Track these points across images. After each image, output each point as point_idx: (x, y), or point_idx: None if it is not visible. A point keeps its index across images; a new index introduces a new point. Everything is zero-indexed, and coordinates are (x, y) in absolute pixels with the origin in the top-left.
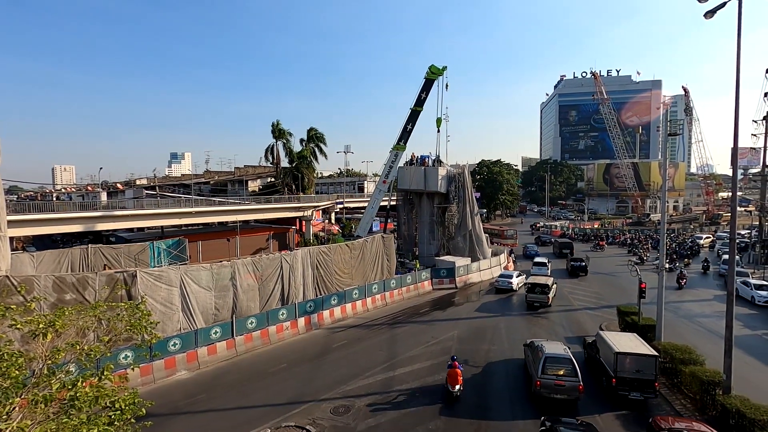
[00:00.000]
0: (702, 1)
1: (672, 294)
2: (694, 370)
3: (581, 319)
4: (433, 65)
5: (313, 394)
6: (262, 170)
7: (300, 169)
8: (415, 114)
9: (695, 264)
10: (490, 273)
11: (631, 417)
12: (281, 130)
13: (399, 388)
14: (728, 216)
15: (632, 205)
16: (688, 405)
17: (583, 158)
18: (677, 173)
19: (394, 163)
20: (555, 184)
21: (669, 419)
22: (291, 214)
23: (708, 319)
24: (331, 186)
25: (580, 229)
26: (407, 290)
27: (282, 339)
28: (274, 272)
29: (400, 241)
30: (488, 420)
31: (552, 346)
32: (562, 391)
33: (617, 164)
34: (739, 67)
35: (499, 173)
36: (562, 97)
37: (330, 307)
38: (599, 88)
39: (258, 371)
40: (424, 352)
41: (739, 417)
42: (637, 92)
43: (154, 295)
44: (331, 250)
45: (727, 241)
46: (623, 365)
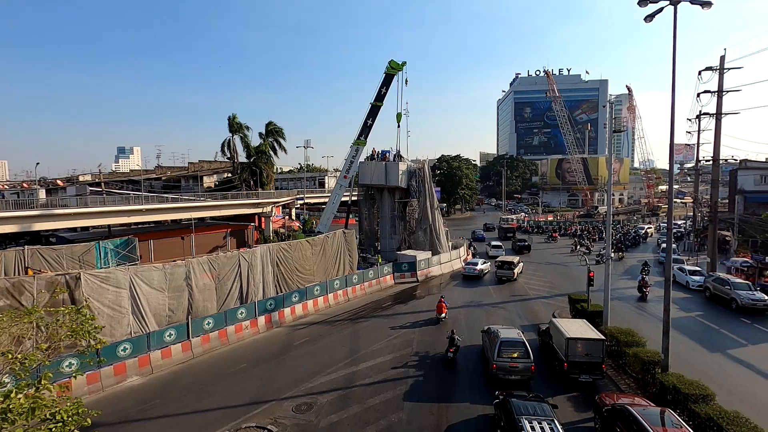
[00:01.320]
0: (642, 5)
1: (618, 281)
2: (637, 351)
3: (536, 308)
4: (393, 60)
5: (274, 393)
6: (218, 165)
7: (258, 164)
8: (375, 109)
9: (638, 253)
10: (450, 266)
11: (581, 398)
12: (238, 123)
13: (362, 383)
14: (666, 207)
15: (582, 199)
16: (631, 384)
17: (537, 153)
18: (622, 168)
19: (354, 158)
20: (511, 178)
21: (613, 396)
22: (249, 210)
23: (649, 304)
24: (291, 181)
25: (535, 222)
26: (369, 285)
27: (241, 339)
28: (231, 271)
29: (362, 236)
30: (449, 403)
31: (507, 332)
32: (516, 372)
33: (568, 159)
34: (675, 69)
35: (458, 168)
36: (518, 94)
37: (291, 304)
38: (551, 86)
39: (216, 373)
40: (387, 345)
41: (675, 392)
42: (586, 91)
43: (100, 298)
44: (292, 247)
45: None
46: (574, 350)
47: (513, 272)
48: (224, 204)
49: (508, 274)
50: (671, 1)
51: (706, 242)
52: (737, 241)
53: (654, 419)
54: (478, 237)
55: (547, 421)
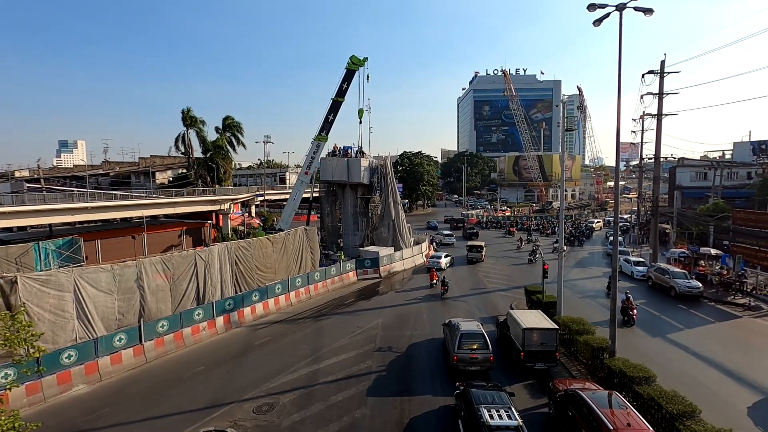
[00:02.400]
0: (591, 10)
1: (570, 272)
2: (587, 339)
3: (495, 300)
4: (354, 56)
5: (234, 395)
6: (172, 161)
7: (215, 159)
8: (336, 104)
9: (589, 246)
10: (413, 261)
11: (536, 385)
12: (193, 117)
13: (325, 380)
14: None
15: (537, 194)
16: (582, 369)
17: (495, 151)
18: (574, 165)
19: (316, 154)
20: (471, 175)
21: (566, 381)
22: (206, 207)
23: (598, 294)
24: (250, 177)
25: (494, 217)
26: (332, 282)
27: (199, 340)
28: (187, 270)
29: (324, 232)
30: (411, 396)
31: (467, 324)
32: (475, 362)
33: (525, 157)
34: (620, 72)
35: (420, 164)
36: (477, 92)
37: (251, 303)
38: (509, 85)
39: (172, 377)
40: (350, 342)
41: (621, 376)
42: (541, 90)
43: (40, 302)
44: (252, 245)
45: (613, 225)
46: (530, 339)
47: (481, 255)
48: (179, 201)
49: (477, 256)
50: (617, 7)
51: (648, 235)
52: (676, 233)
53: (602, 402)
54: (431, 226)
55: (504, 409)
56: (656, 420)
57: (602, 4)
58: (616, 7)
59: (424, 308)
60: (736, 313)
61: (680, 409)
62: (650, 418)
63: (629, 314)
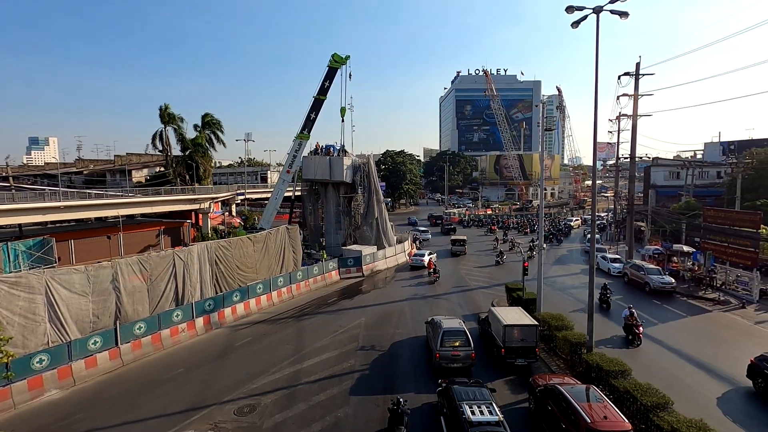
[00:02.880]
0: (569, 12)
1: (550, 269)
2: (566, 334)
3: (476, 298)
4: (336, 54)
5: (214, 397)
6: (149, 159)
7: (194, 157)
8: (318, 102)
9: (568, 243)
10: (396, 260)
11: (517, 381)
12: (171, 114)
13: (307, 380)
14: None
15: (518, 193)
16: (561, 364)
17: (477, 150)
18: (553, 164)
19: (297, 153)
20: (453, 174)
21: (545, 377)
22: (185, 206)
23: (576, 290)
24: (231, 176)
25: (476, 215)
26: (314, 281)
27: (178, 342)
28: (165, 271)
29: (306, 231)
30: (394, 394)
31: (449, 322)
32: (458, 360)
33: (506, 156)
34: (597, 73)
35: (402, 163)
36: (459, 92)
37: (232, 304)
38: (490, 85)
39: (149, 380)
40: (333, 341)
41: (598, 370)
42: (522, 91)
43: (9, 306)
44: (232, 244)
45: (591, 223)
46: (511, 336)
47: (464, 248)
48: (156, 200)
49: (461, 249)
50: (594, 10)
51: (624, 232)
52: (650, 230)
53: (580, 396)
54: (411, 221)
55: (486, 405)
56: (632, 412)
57: (580, 7)
58: (593, 10)
59: (407, 306)
60: (706, 307)
61: (654, 401)
62: (626, 410)
63: (634, 332)
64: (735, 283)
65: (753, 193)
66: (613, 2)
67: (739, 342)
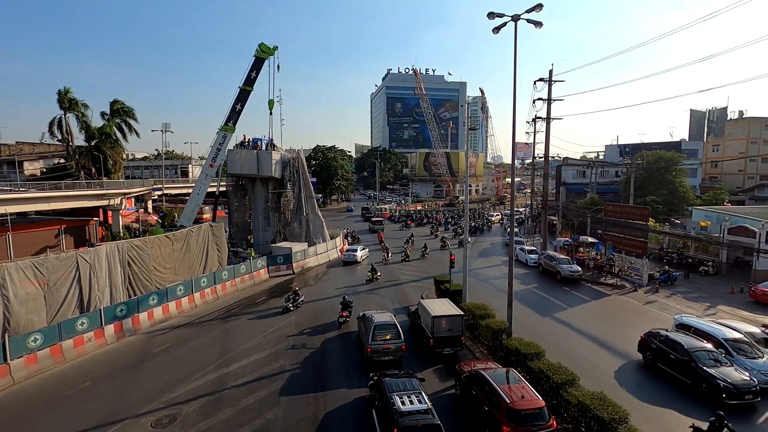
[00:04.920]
0: (491, 18)
1: (474, 262)
2: (488, 322)
3: (407, 291)
4: (263, 44)
5: (128, 410)
6: (46, 149)
7: (102, 148)
8: (244, 93)
9: (491, 237)
10: (327, 256)
11: (444, 369)
12: (73, 99)
13: (234, 384)
14: None
15: (446, 189)
16: (484, 351)
17: (407, 147)
18: (478, 162)
19: (222, 146)
20: (384, 170)
21: (470, 363)
22: (92, 202)
23: (498, 280)
24: (146, 169)
25: (406, 211)
26: (241, 280)
27: (83, 353)
28: (67, 275)
29: (233, 229)
30: (326, 392)
31: (380, 316)
32: (389, 352)
33: (434, 153)
34: (515, 77)
35: (334, 159)
36: (390, 89)
37: (148, 308)
38: (419, 84)
39: (49, 398)
40: (262, 342)
41: (516, 354)
42: (449, 91)
43: None
44: (148, 243)
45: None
46: (439, 327)
47: (383, 226)
48: (55, 196)
49: (380, 227)
50: (512, 18)
51: (540, 226)
52: (561, 224)
53: (501, 379)
54: (348, 209)
55: (415, 394)
56: (545, 390)
57: (500, 14)
58: (511, 18)
59: (339, 303)
60: (606, 291)
61: (564, 378)
62: (540, 388)
63: None
64: (629, 269)
65: (643, 190)
66: (529, 12)
67: (632, 321)
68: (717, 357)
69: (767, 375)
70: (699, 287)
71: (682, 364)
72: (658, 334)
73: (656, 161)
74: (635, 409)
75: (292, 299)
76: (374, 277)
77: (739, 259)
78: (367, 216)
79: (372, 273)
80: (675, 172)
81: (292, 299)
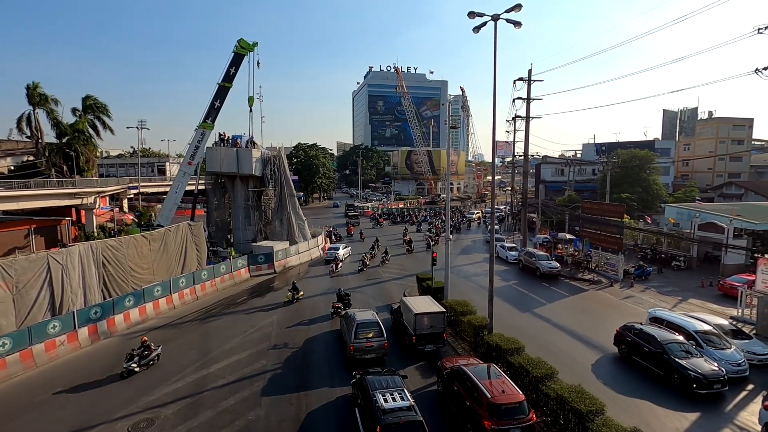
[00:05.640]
0: (471, 17)
1: (456, 259)
2: (470, 318)
3: (390, 289)
4: (243, 39)
5: (103, 415)
6: (14, 146)
7: (74, 145)
8: (223, 90)
9: (472, 234)
10: (309, 255)
11: (427, 366)
12: (42, 94)
13: (215, 386)
14: None
15: (428, 187)
16: (466, 347)
17: (389, 145)
18: (459, 160)
19: (201, 143)
20: (366, 168)
21: (452, 359)
22: (63, 201)
23: (479, 277)
24: (122, 167)
25: (388, 209)
26: (221, 280)
27: (55, 357)
28: (37, 276)
29: (212, 228)
30: (308, 391)
31: (362, 314)
32: (371, 350)
33: (416, 151)
34: (495, 76)
35: (315, 157)
36: (371, 87)
37: (124, 309)
38: (401, 82)
39: (19, 404)
40: (243, 342)
41: (497, 349)
42: (430, 89)
43: None
44: (124, 244)
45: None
46: (421, 324)
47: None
48: (24, 194)
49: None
50: (492, 17)
51: (520, 223)
52: (541, 221)
53: (482, 374)
54: (335, 204)
55: (398, 392)
56: (525, 384)
57: (480, 13)
58: (491, 17)
59: (321, 301)
60: (583, 287)
61: (543, 372)
62: (520, 383)
63: None
64: (605, 265)
65: (619, 187)
66: (509, 12)
67: (609, 315)
68: (688, 349)
69: (734, 365)
70: (671, 281)
71: (655, 356)
72: (632, 328)
73: (631, 160)
74: (611, 401)
75: (293, 293)
76: (295, 297)
77: (708, 254)
78: (350, 215)
79: (293, 292)
80: (649, 170)
81: (292, 293)
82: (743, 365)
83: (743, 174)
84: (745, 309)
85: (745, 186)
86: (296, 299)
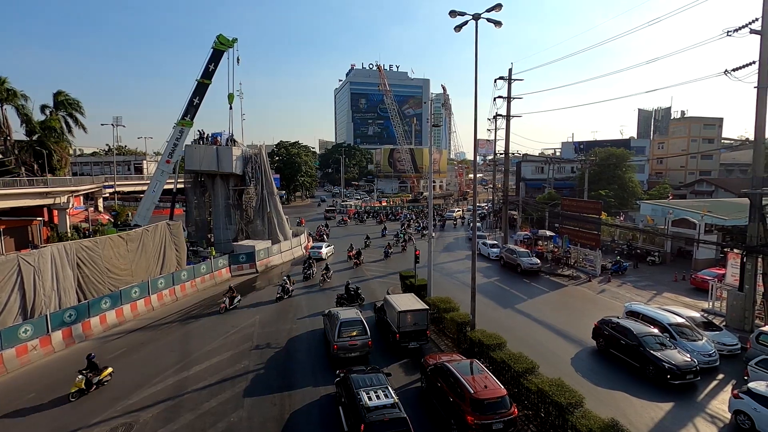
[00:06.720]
0: (453, 16)
1: (438, 256)
2: (453, 315)
3: (373, 287)
4: (222, 35)
5: (79, 421)
6: None
7: (46, 143)
8: (202, 87)
9: (454, 232)
10: (291, 254)
11: (410, 363)
12: (10, 90)
13: (195, 388)
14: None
15: (410, 185)
16: (449, 343)
17: (372, 143)
18: (441, 158)
19: (179, 141)
20: (349, 166)
21: (435, 356)
22: (34, 201)
23: (462, 274)
24: (96, 166)
25: (371, 207)
26: (202, 281)
27: (27, 363)
28: (7, 280)
29: (192, 227)
30: (292, 391)
31: (346, 313)
32: (355, 349)
33: (399, 149)
34: (477, 74)
35: (297, 155)
36: (353, 85)
37: (100, 312)
38: (383, 80)
39: None
40: (224, 343)
41: (480, 345)
42: (413, 88)
43: None
44: (100, 244)
45: (472, 213)
46: (404, 321)
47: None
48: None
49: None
50: (473, 17)
51: (501, 220)
52: (521, 218)
53: (465, 370)
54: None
55: (382, 389)
56: (507, 379)
57: (462, 12)
58: (472, 17)
59: (304, 301)
60: (563, 282)
61: (524, 366)
62: (502, 377)
63: None
64: (584, 261)
65: (597, 185)
66: (489, 11)
67: (587, 310)
68: (662, 341)
69: (706, 356)
70: (646, 276)
71: (631, 349)
72: (610, 322)
73: (608, 158)
74: (590, 393)
75: (284, 287)
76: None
77: (681, 249)
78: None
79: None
80: (625, 168)
81: (284, 287)
82: (714, 356)
83: (713, 172)
84: (716, 302)
85: (716, 183)
86: (286, 297)
